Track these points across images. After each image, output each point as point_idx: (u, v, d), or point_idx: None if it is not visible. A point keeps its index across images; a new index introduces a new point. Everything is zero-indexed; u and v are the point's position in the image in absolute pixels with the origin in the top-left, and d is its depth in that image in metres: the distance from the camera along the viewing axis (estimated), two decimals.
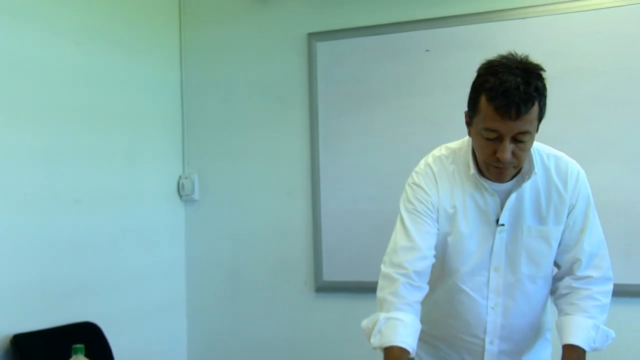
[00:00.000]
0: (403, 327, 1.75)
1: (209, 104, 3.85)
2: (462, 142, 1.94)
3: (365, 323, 1.84)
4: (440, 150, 1.97)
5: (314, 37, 3.58)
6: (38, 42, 2.99)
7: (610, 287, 1.89)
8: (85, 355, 2.01)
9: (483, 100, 1.70)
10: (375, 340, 1.78)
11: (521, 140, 1.70)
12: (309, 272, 3.58)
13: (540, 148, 1.90)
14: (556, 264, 1.93)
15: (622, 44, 3.06)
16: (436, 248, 1.88)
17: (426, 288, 1.85)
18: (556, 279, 1.94)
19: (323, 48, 3.57)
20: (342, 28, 3.53)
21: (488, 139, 1.72)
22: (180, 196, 3.85)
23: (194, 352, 3.84)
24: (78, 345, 2.02)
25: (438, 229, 1.88)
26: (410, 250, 1.84)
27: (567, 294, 1.88)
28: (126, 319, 3.39)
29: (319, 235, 3.53)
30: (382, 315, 1.79)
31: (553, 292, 1.96)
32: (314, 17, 3.62)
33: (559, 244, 1.89)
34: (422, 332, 1.86)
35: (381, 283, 1.85)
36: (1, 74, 2.81)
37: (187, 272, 3.86)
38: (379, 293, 1.85)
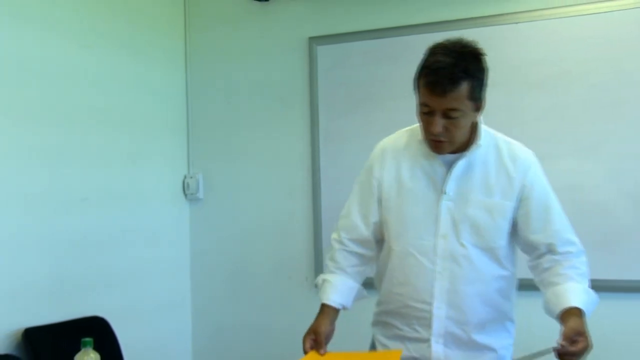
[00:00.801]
0: (331, 288, 2.05)
1: (213, 106, 3.87)
2: None
3: (316, 280, 2.16)
4: (399, 131, 2.13)
5: (315, 40, 3.61)
6: (46, 45, 3.01)
7: (585, 258, 1.97)
8: (94, 349, 2.02)
9: (421, 77, 1.85)
10: (319, 295, 2.08)
11: (451, 116, 1.82)
12: (310, 268, 3.60)
13: (499, 135, 2.03)
14: (532, 245, 1.99)
15: (611, 48, 3.08)
16: (386, 215, 2.03)
17: (363, 253, 2.10)
18: (536, 257, 2.00)
19: (323, 51, 3.59)
20: (342, 32, 3.56)
21: (424, 113, 1.86)
22: (185, 195, 3.87)
23: (198, 345, 3.86)
24: (87, 339, 2.03)
25: (385, 200, 2.03)
26: (348, 222, 2.10)
27: (550, 267, 1.95)
28: (133, 313, 3.41)
29: (320, 232, 3.56)
30: (321, 277, 2.12)
31: (535, 268, 2.01)
32: (314, 21, 3.65)
33: (526, 230, 1.96)
34: (376, 313, 2.12)
35: (331, 242, 2.15)
36: (10, 76, 2.84)
37: (192, 268, 3.88)
38: (328, 252, 2.16)
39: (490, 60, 3.18)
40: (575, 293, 1.88)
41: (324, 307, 2.05)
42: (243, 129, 3.80)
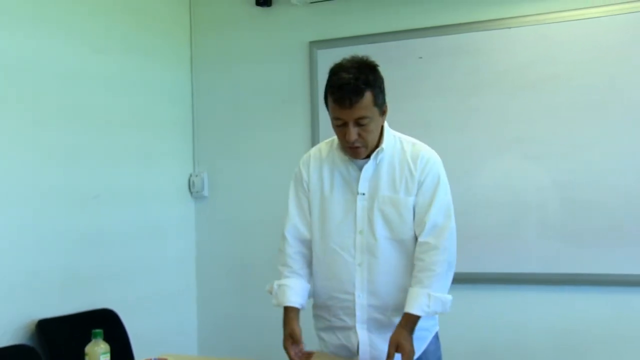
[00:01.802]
0: (290, 290, 2.13)
1: (218, 106, 3.90)
2: None
3: (267, 287, 2.21)
4: (320, 143, 2.27)
5: (315, 45, 3.64)
6: (61, 49, 3.07)
7: (446, 258, 2.04)
8: (104, 339, 2.04)
9: (329, 96, 2.02)
10: (274, 302, 2.17)
11: (362, 123, 1.98)
12: None
13: (403, 137, 2.16)
14: (416, 234, 2.09)
15: (599, 53, 3.10)
16: (313, 216, 2.16)
17: (307, 252, 2.18)
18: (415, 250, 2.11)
19: (324, 55, 3.60)
20: (341, 37, 3.58)
21: (338, 126, 2.02)
22: (191, 193, 3.90)
23: (203, 337, 3.89)
24: (97, 330, 2.06)
25: (311, 202, 2.16)
26: (291, 225, 2.19)
27: (415, 265, 2.06)
28: (141, 305, 3.45)
29: None
30: (275, 283, 2.17)
31: None
32: (315, 26, 3.67)
33: (414, 217, 2.08)
34: (312, 308, 2.23)
35: (278, 253, 2.23)
36: (26, 79, 2.90)
37: (197, 263, 3.91)
38: (277, 262, 2.23)
39: (483, 64, 3.29)
40: (415, 298, 2.01)
41: (288, 310, 2.13)
42: (246, 129, 3.82)
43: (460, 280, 3.16)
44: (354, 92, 1.94)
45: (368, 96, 1.97)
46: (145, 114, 3.60)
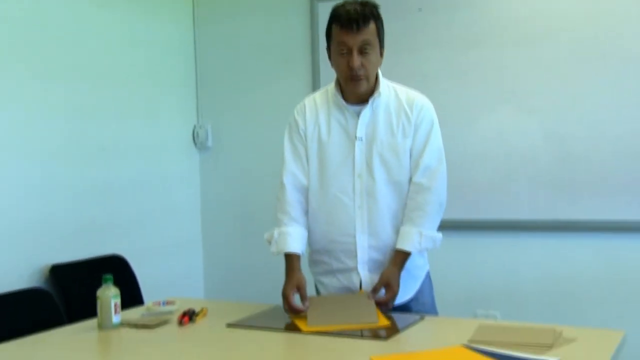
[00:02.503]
0: (290, 237, 2.13)
1: (221, 59, 3.89)
2: (333, 81, 2.20)
3: (266, 236, 2.20)
4: (317, 92, 2.28)
5: None
6: (65, 6, 3.08)
7: (437, 199, 2.11)
8: (114, 284, 2.07)
9: (334, 26, 2.06)
10: (274, 250, 2.16)
11: (365, 51, 2.02)
12: None
13: (397, 86, 2.19)
14: (411, 176, 2.13)
15: (593, 5, 3.06)
16: (311, 164, 2.17)
17: (304, 200, 2.18)
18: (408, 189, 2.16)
19: (324, 8, 3.55)
20: None
21: (342, 54, 2.04)
22: (195, 144, 3.93)
23: (209, 282, 3.97)
24: (107, 275, 2.07)
25: (308, 149, 2.17)
26: (288, 173, 2.18)
27: (407, 204, 2.12)
28: (149, 252, 3.52)
29: None
30: (275, 231, 2.16)
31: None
32: None
33: (410, 159, 2.12)
34: (309, 254, 2.24)
35: (276, 202, 2.21)
36: (33, 37, 2.93)
37: (202, 211, 3.96)
38: (274, 211, 2.21)
39: (481, 17, 3.27)
40: (407, 236, 2.07)
41: (290, 257, 2.12)
42: (249, 81, 3.83)
43: (456, 226, 3.27)
44: (361, 17, 2.00)
45: (373, 25, 2.03)
46: (150, 68, 3.61)
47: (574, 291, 3.14)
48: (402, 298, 2.13)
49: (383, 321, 1.94)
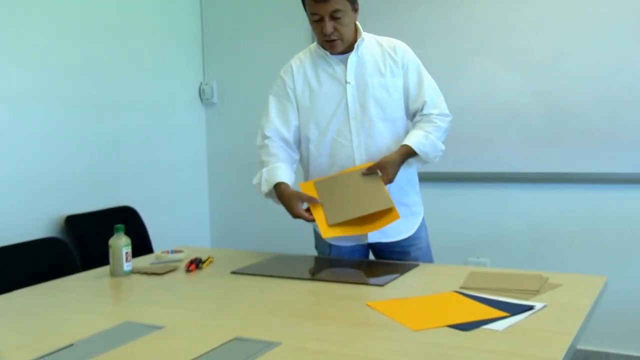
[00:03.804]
0: (279, 170, 2.12)
1: (226, 17, 3.85)
2: (316, 39, 2.20)
3: (255, 180, 2.17)
4: (301, 51, 2.27)
5: None
6: None
7: (447, 119, 2.18)
8: (125, 233, 2.09)
9: None
10: (265, 188, 2.12)
11: (336, 16, 2.05)
12: None
13: (378, 37, 2.22)
14: (412, 112, 2.19)
15: None
16: (304, 114, 2.18)
17: (289, 150, 2.19)
18: (412, 119, 2.21)
19: None
20: None
21: (315, 22, 2.08)
22: (202, 100, 3.91)
23: (215, 231, 4.00)
24: (119, 225, 2.09)
25: (300, 105, 2.18)
26: (271, 127, 2.18)
27: (416, 122, 2.18)
28: (158, 203, 3.54)
29: None
30: (264, 169, 2.14)
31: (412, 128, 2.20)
32: None
33: (408, 99, 2.17)
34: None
35: (258, 152, 2.20)
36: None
37: (209, 164, 3.97)
38: (258, 160, 2.19)
39: None
40: (414, 136, 2.10)
41: (281, 186, 2.08)
42: (253, 38, 3.79)
43: (448, 178, 3.27)
44: None
45: None
46: (158, 27, 3.58)
47: (559, 239, 3.16)
48: (404, 233, 2.18)
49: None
